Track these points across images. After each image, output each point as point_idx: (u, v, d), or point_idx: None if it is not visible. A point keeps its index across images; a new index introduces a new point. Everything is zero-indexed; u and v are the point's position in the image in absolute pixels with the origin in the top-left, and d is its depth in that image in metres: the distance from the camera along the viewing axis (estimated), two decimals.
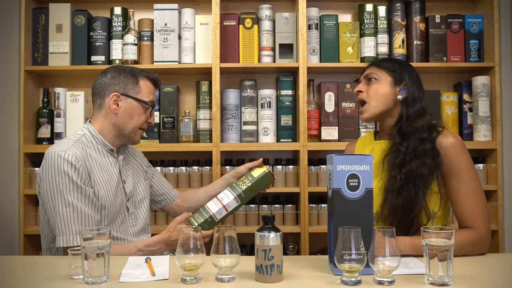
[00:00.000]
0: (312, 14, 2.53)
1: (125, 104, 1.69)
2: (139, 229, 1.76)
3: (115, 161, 1.71)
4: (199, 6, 2.61)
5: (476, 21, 2.57)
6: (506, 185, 2.57)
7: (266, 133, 2.52)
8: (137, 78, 1.72)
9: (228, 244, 1.18)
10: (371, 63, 1.71)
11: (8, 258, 1.65)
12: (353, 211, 1.23)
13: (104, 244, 1.17)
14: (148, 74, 1.76)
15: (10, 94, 2.58)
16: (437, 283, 1.13)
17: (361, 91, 1.65)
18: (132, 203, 1.75)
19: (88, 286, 1.15)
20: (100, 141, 1.68)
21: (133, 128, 1.70)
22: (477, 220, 1.46)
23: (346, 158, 1.25)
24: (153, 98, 1.75)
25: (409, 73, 1.64)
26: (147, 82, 1.74)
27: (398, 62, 1.68)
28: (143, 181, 1.86)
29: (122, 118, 1.69)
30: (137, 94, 1.70)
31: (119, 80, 1.70)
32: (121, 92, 1.69)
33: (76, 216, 1.52)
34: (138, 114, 1.70)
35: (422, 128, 1.55)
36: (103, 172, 1.64)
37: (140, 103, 1.70)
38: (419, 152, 1.51)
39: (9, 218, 2.53)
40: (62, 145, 1.59)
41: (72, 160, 1.53)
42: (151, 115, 1.75)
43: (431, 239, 1.14)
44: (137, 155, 1.91)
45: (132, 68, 1.76)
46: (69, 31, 2.52)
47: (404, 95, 1.61)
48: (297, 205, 2.52)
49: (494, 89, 2.51)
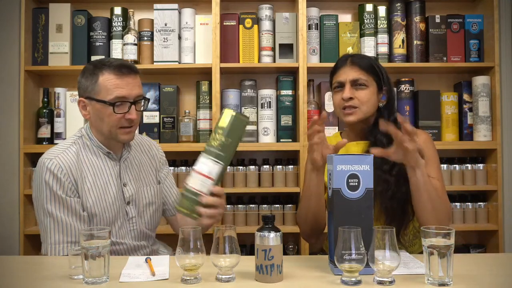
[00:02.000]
0: (312, 14, 2.54)
1: (91, 107, 1.56)
2: (139, 234, 1.66)
3: (113, 163, 1.62)
4: (199, 6, 2.61)
5: (476, 21, 2.57)
6: (506, 185, 2.57)
7: (266, 133, 2.52)
8: (97, 75, 1.53)
9: (228, 244, 1.18)
10: (347, 59, 1.63)
11: (8, 258, 1.65)
12: (353, 211, 1.23)
13: (104, 244, 1.16)
14: (111, 63, 1.54)
15: (10, 94, 2.58)
16: (437, 283, 1.13)
17: (352, 97, 1.59)
18: (135, 208, 1.64)
19: (88, 286, 1.15)
20: (96, 143, 1.60)
21: (109, 129, 1.55)
22: (445, 196, 1.52)
23: (346, 158, 1.25)
24: (119, 93, 1.52)
25: (386, 76, 1.64)
26: (108, 76, 1.52)
27: (375, 63, 1.65)
28: (154, 185, 1.72)
29: (95, 122, 1.58)
30: (98, 94, 1.53)
31: (81, 82, 1.58)
32: (85, 96, 1.56)
33: (56, 227, 1.49)
34: (106, 115, 1.53)
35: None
36: (98, 176, 1.58)
37: (103, 104, 1.52)
38: None
39: (9, 218, 2.53)
40: (51, 152, 1.55)
41: (55, 170, 1.49)
42: (129, 110, 1.54)
43: (431, 239, 1.14)
44: (152, 158, 1.77)
45: (96, 63, 1.57)
46: (69, 31, 2.52)
47: (384, 102, 1.64)
48: (297, 205, 2.51)
49: (494, 89, 2.51)
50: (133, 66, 1.58)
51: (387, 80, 1.64)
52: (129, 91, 1.54)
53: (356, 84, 1.60)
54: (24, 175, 2.46)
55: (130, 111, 1.54)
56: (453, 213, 2.52)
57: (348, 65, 1.62)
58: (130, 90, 1.54)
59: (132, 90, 1.55)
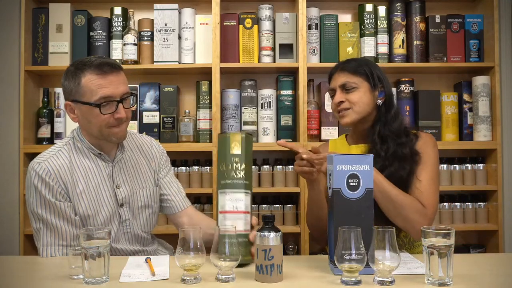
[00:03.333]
0: (312, 14, 2.53)
1: (78, 110, 1.52)
2: (134, 237, 1.62)
3: (105, 165, 1.58)
4: (199, 6, 2.61)
5: (476, 21, 2.57)
6: (506, 185, 2.57)
7: (266, 133, 2.52)
8: (79, 76, 1.48)
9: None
10: (341, 67, 1.67)
11: (8, 258, 1.65)
12: (353, 211, 1.23)
13: (104, 244, 1.16)
14: (92, 62, 1.48)
15: (10, 94, 2.58)
16: (437, 283, 1.13)
17: (343, 101, 1.63)
18: (129, 210, 1.60)
19: (88, 286, 1.15)
20: (86, 145, 1.56)
21: (98, 130, 1.51)
22: (429, 200, 1.52)
23: (346, 158, 1.25)
24: (103, 93, 1.46)
25: (379, 72, 1.66)
26: (90, 76, 1.47)
27: (365, 63, 1.67)
28: (151, 188, 1.67)
29: (83, 124, 1.54)
30: (82, 97, 1.48)
31: (65, 85, 1.54)
32: (71, 99, 1.52)
33: (46, 230, 1.49)
34: (93, 116, 1.48)
35: (398, 131, 1.61)
36: (90, 179, 1.54)
37: (89, 106, 1.48)
38: (398, 155, 1.57)
39: (9, 218, 2.53)
40: (41, 156, 1.54)
41: (43, 174, 1.47)
42: (117, 108, 1.48)
43: (431, 239, 1.14)
44: (152, 159, 1.72)
45: (77, 63, 1.52)
46: (69, 31, 2.52)
47: (382, 99, 1.64)
48: (297, 205, 2.52)
49: (494, 89, 2.51)
50: (115, 63, 1.52)
51: (381, 77, 1.65)
52: (114, 89, 1.48)
53: (345, 88, 1.64)
54: (24, 175, 2.46)
55: (118, 109, 1.48)
56: (453, 213, 2.52)
57: (337, 71, 1.68)
58: (114, 89, 1.48)
59: (117, 88, 1.49)
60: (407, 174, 1.56)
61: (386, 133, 1.60)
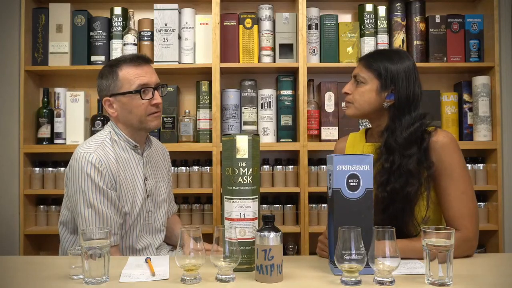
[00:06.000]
0: (312, 14, 2.53)
1: (118, 103, 1.64)
2: (155, 228, 1.72)
3: (139, 157, 1.69)
4: (199, 6, 2.61)
5: (476, 21, 2.57)
6: (506, 185, 2.56)
7: (266, 133, 2.52)
8: (116, 71, 1.63)
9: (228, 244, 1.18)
10: (363, 57, 1.61)
11: (8, 258, 1.65)
12: (353, 211, 1.23)
13: (104, 244, 1.17)
14: (126, 57, 1.67)
15: (10, 94, 2.58)
16: (437, 283, 1.13)
17: (348, 93, 1.58)
18: (152, 202, 1.71)
19: (88, 286, 1.15)
20: (124, 138, 1.66)
21: (139, 119, 1.63)
22: (465, 222, 1.42)
23: (346, 158, 1.25)
24: (141, 81, 1.62)
25: (397, 73, 1.52)
26: (127, 69, 1.63)
27: (387, 59, 1.54)
28: (167, 183, 1.82)
29: (124, 116, 1.65)
30: (121, 88, 1.62)
31: (102, 83, 1.66)
32: (109, 94, 1.64)
33: (97, 218, 1.52)
34: (135, 106, 1.62)
35: (407, 144, 1.46)
36: (127, 171, 1.63)
37: (129, 95, 1.62)
38: (403, 171, 1.43)
39: (9, 218, 2.53)
40: (89, 146, 1.58)
41: (96, 163, 1.53)
42: (153, 95, 1.64)
43: (431, 239, 1.14)
44: (164, 158, 1.87)
45: (111, 62, 1.69)
46: (69, 31, 2.52)
47: (391, 102, 1.53)
48: (297, 205, 2.51)
49: (494, 89, 2.51)
50: (146, 56, 1.70)
51: (396, 78, 1.51)
52: (149, 78, 1.64)
53: (356, 79, 1.59)
54: (24, 175, 2.46)
55: (154, 96, 1.64)
56: None
57: (361, 60, 1.61)
58: (150, 78, 1.64)
59: (152, 77, 1.65)
60: (415, 191, 1.43)
61: (393, 145, 1.47)
